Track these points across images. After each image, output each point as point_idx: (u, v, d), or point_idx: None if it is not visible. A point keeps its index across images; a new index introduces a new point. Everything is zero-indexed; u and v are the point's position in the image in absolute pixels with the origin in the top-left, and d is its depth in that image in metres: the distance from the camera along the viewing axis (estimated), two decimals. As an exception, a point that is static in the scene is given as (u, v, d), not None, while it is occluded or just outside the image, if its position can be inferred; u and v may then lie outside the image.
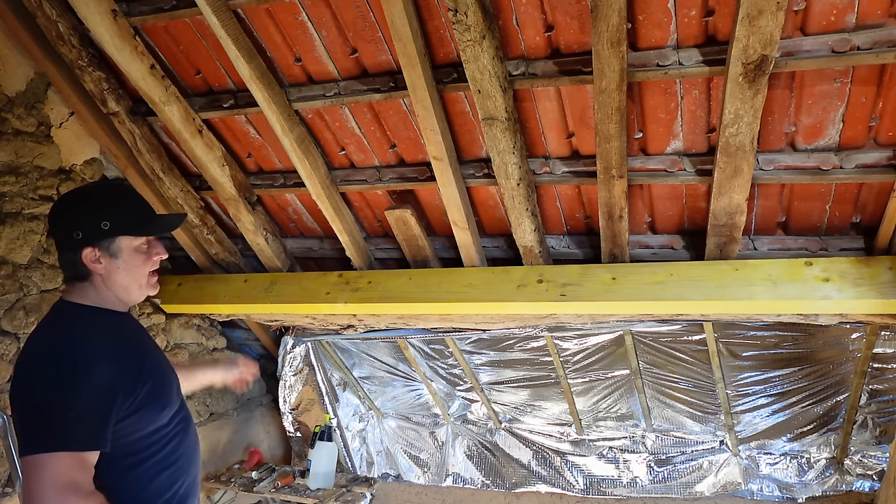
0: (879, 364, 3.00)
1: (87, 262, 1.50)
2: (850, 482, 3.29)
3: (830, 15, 1.87)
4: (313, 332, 3.78)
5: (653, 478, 3.62)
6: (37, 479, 1.27)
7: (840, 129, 2.12)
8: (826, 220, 2.40)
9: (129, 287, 1.56)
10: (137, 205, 1.62)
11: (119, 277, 1.54)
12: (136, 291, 1.58)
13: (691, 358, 3.23)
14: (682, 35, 2.02)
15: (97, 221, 1.51)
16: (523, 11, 2.08)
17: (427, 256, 2.93)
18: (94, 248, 1.51)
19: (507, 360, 3.63)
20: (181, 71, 2.68)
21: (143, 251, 1.57)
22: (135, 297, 1.59)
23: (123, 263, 1.53)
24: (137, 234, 1.55)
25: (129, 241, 1.54)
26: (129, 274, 1.54)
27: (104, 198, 1.59)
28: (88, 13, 2.31)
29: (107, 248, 1.52)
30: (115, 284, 1.54)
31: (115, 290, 1.55)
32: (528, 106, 2.34)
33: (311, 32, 2.35)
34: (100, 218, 1.51)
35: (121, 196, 1.62)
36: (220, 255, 3.33)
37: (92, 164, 3.04)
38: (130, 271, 1.55)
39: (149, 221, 1.60)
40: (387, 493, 4.10)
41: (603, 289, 2.56)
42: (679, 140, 2.31)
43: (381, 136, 2.65)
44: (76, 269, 1.52)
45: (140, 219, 1.58)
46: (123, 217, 1.54)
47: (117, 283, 1.54)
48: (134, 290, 1.58)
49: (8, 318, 2.69)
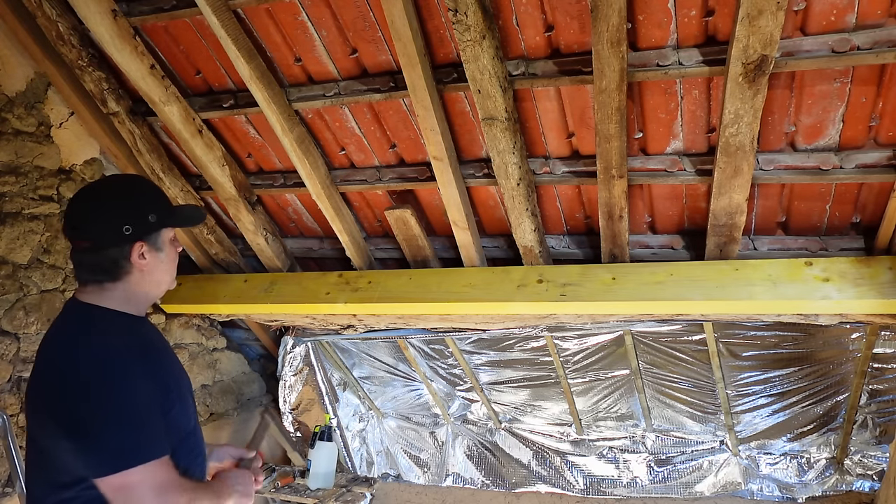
0: (879, 364, 3.00)
1: (135, 258, 1.43)
2: (850, 482, 3.29)
3: (830, 15, 1.86)
4: (313, 332, 3.78)
5: (653, 478, 3.62)
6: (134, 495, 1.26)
7: (840, 129, 2.12)
8: (826, 220, 2.40)
9: (162, 282, 1.51)
10: (165, 195, 1.57)
11: (158, 272, 1.49)
12: (166, 286, 1.54)
13: (691, 358, 3.23)
14: (682, 35, 2.02)
15: (145, 214, 1.45)
16: (523, 11, 2.08)
17: (427, 256, 2.93)
18: (143, 242, 1.45)
19: (507, 360, 3.63)
20: (181, 71, 2.68)
21: (174, 246, 1.54)
22: (163, 292, 1.55)
23: (166, 257, 1.49)
24: (178, 225, 1.54)
25: (169, 233, 1.51)
26: (168, 268, 1.51)
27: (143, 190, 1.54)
28: (88, 13, 2.31)
29: (154, 242, 1.47)
30: (152, 281, 1.48)
31: (149, 288, 1.49)
32: (528, 106, 2.34)
33: (311, 32, 2.35)
34: (146, 211, 1.46)
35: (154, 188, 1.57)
36: (220, 255, 3.33)
37: (92, 164, 3.04)
38: (169, 265, 1.52)
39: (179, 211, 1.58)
40: (387, 493, 4.10)
41: (603, 289, 2.56)
42: (679, 140, 2.31)
43: (381, 136, 2.65)
44: (115, 268, 1.43)
45: (174, 209, 1.55)
46: (164, 209, 1.50)
47: (155, 278, 1.49)
48: (165, 285, 1.53)
49: (8, 318, 2.69)
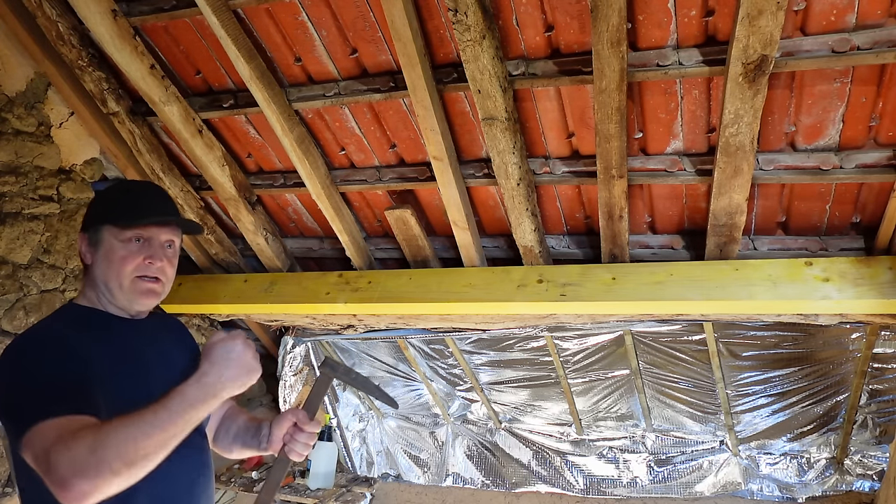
0: (879, 364, 3.00)
1: (80, 248, 1.47)
2: (850, 482, 3.29)
3: (830, 15, 1.87)
4: (313, 332, 3.78)
5: (653, 478, 3.62)
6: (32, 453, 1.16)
7: (840, 129, 2.12)
8: (826, 220, 2.40)
9: (108, 282, 1.43)
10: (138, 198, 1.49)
11: (98, 270, 1.44)
12: (117, 291, 1.43)
13: (691, 358, 3.23)
14: (682, 35, 2.02)
15: (94, 208, 1.50)
16: (523, 11, 2.08)
17: (427, 256, 2.93)
18: (84, 233, 1.47)
19: (507, 360, 3.63)
20: (181, 71, 2.68)
21: (129, 249, 1.43)
22: (118, 297, 1.44)
23: (102, 255, 1.44)
24: (119, 226, 1.43)
25: (113, 231, 1.43)
26: (108, 268, 1.43)
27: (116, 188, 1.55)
28: (88, 13, 2.31)
29: (91, 235, 1.46)
30: (98, 278, 1.45)
31: (100, 286, 1.45)
32: (528, 106, 2.34)
33: (311, 32, 2.35)
34: (97, 205, 1.49)
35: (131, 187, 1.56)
36: (220, 255, 3.33)
37: (92, 164, 3.05)
38: (110, 265, 1.42)
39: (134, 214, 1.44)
40: (387, 493, 4.10)
41: (603, 289, 2.56)
42: (679, 140, 2.31)
43: (381, 136, 2.65)
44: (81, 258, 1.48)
45: (130, 211, 1.45)
46: (114, 206, 1.46)
47: (98, 276, 1.44)
48: (115, 289, 1.43)
49: (8, 318, 2.69)
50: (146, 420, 1.18)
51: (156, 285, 1.47)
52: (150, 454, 1.17)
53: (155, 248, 1.46)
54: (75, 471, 1.11)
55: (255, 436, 1.67)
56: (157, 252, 1.45)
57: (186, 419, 1.21)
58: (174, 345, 1.61)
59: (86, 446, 1.12)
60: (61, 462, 1.12)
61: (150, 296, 1.47)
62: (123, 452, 1.13)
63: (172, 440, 1.20)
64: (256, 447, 1.67)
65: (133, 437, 1.15)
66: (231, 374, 1.28)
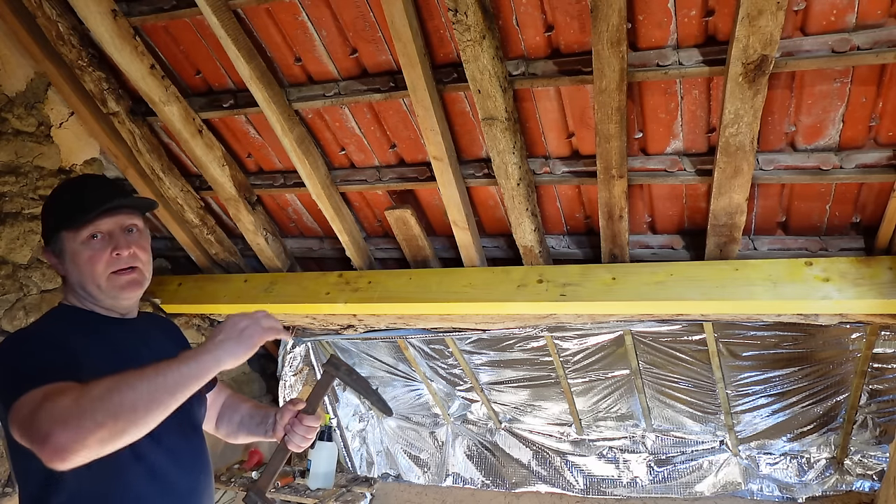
0: (879, 364, 3.00)
1: (51, 263, 1.44)
2: (850, 482, 3.29)
3: (830, 15, 1.86)
4: (313, 332, 3.78)
5: (653, 478, 3.62)
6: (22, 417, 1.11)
7: (840, 129, 2.12)
8: (826, 220, 2.40)
9: (86, 287, 1.40)
10: (81, 194, 1.42)
11: (72, 277, 1.41)
12: (98, 292, 1.40)
13: (691, 358, 3.23)
14: (682, 35, 2.02)
15: (46, 221, 1.43)
16: (523, 11, 2.08)
17: (427, 256, 2.93)
18: (46, 248, 1.44)
19: (507, 360, 3.63)
20: (181, 71, 2.68)
21: (92, 248, 1.38)
22: (101, 298, 1.41)
23: (70, 262, 1.40)
24: (72, 229, 1.38)
25: (71, 235, 1.38)
26: (80, 273, 1.39)
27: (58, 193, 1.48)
28: (88, 13, 2.31)
29: (54, 247, 1.42)
30: (75, 284, 1.41)
31: (78, 292, 1.42)
32: (528, 106, 2.34)
33: (311, 32, 2.35)
34: (47, 217, 1.43)
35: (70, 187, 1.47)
36: (220, 255, 3.33)
37: (92, 164, 3.05)
38: (80, 270, 1.39)
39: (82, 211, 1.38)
40: (387, 493, 4.10)
41: (603, 289, 2.56)
42: (679, 140, 2.31)
43: (381, 136, 2.65)
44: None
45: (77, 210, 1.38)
46: (61, 211, 1.40)
47: (74, 281, 1.41)
48: (94, 292, 1.40)
49: (8, 318, 2.69)
50: (133, 374, 1.14)
51: (133, 274, 1.43)
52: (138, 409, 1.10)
53: (117, 239, 1.40)
54: (55, 422, 1.05)
55: (262, 423, 1.70)
56: (120, 242, 1.40)
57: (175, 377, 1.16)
58: (167, 343, 1.60)
59: (70, 398, 1.08)
60: (43, 417, 1.06)
61: (132, 287, 1.43)
62: (108, 402, 1.08)
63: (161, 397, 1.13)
64: (262, 434, 1.71)
65: (118, 388, 1.10)
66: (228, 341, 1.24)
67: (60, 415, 1.06)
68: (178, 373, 1.16)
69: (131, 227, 1.45)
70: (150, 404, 1.12)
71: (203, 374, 1.19)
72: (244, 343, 1.25)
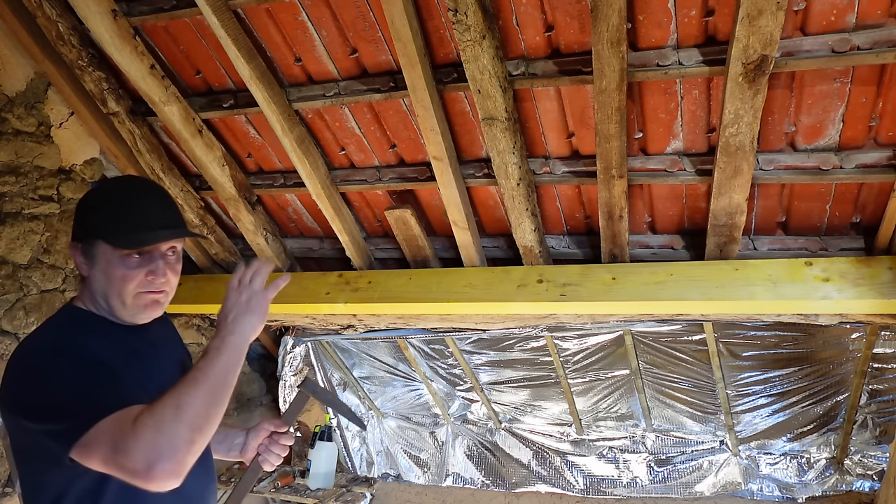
0: (879, 364, 3.00)
1: (75, 259, 1.39)
2: (850, 482, 3.29)
3: (830, 15, 1.86)
4: (313, 332, 3.78)
5: (653, 478, 3.62)
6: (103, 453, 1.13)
7: (840, 129, 2.12)
8: (826, 220, 2.40)
9: (109, 299, 1.36)
10: (138, 209, 1.37)
11: (96, 284, 1.36)
12: (119, 307, 1.36)
13: (691, 358, 3.23)
14: (682, 35, 2.02)
15: (87, 217, 1.38)
16: (523, 11, 2.08)
17: (427, 256, 2.93)
18: (75, 243, 1.39)
19: (507, 360, 3.63)
20: (181, 71, 2.68)
21: (128, 265, 1.34)
22: (119, 311, 1.37)
23: (99, 272, 1.35)
24: (115, 245, 1.33)
25: (108, 248, 1.34)
26: (107, 283, 1.35)
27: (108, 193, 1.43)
28: (88, 13, 2.31)
29: (86, 249, 1.37)
30: (96, 291, 1.37)
31: (98, 299, 1.38)
32: (528, 106, 2.34)
33: (311, 32, 2.35)
34: (91, 214, 1.37)
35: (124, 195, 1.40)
36: (220, 255, 3.33)
37: (92, 164, 3.05)
38: (109, 283, 1.35)
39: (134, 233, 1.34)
40: (387, 493, 4.10)
41: (603, 289, 2.56)
42: (679, 140, 2.31)
43: (381, 136, 2.65)
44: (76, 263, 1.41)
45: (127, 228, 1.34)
46: (108, 220, 1.35)
47: (96, 289, 1.37)
48: (116, 304, 1.36)
49: (8, 318, 2.69)
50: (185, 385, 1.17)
51: (159, 296, 1.40)
52: (210, 414, 1.17)
53: (156, 262, 1.36)
54: (153, 456, 1.09)
55: (223, 442, 1.67)
56: (158, 267, 1.37)
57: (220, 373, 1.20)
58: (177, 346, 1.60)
59: (151, 429, 1.11)
60: (135, 454, 1.10)
61: (154, 307, 1.41)
62: (185, 419, 1.13)
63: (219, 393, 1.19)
64: (224, 453, 1.67)
65: (183, 403, 1.14)
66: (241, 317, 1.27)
67: (154, 449, 1.10)
68: (220, 367, 1.21)
69: (172, 249, 1.41)
70: (213, 406, 1.18)
71: (240, 356, 1.25)
72: (257, 312, 1.29)
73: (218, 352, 1.22)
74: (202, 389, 1.17)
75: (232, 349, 1.24)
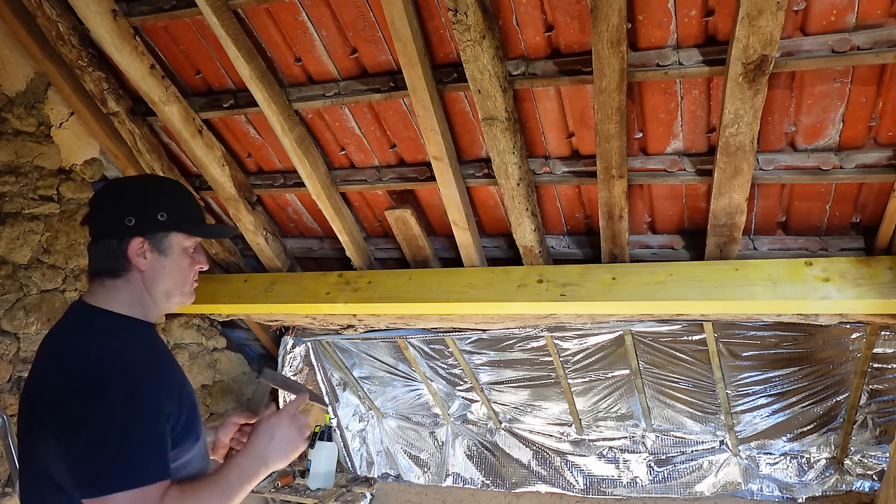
0: (879, 364, 3.00)
1: (132, 253, 1.33)
2: (850, 482, 3.29)
3: (830, 15, 1.87)
4: (313, 332, 3.78)
5: (653, 478, 3.62)
6: None
7: (840, 129, 2.12)
8: (826, 220, 2.40)
9: (170, 292, 1.40)
10: (195, 204, 1.47)
11: (162, 279, 1.38)
12: (178, 297, 1.43)
13: (691, 358, 3.23)
14: (682, 35, 2.02)
15: (155, 210, 1.36)
16: (523, 11, 2.08)
17: (427, 256, 2.93)
18: (144, 238, 1.34)
19: (507, 360, 3.63)
20: (181, 71, 2.68)
21: (190, 255, 1.42)
22: (174, 303, 1.43)
23: (171, 263, 1.38)
24: (193, 234, 1.41)
25: (182, 239, 1.39)
26: (173, 277, 1.39)
27: (164, 189, 1.45)
28: (88, 13, 2.31)
29: (158, 243, 1.36)
30: (157, 286, 1.38)
31: (155, 294, 1.38)
32: (528, 106, 2.34)
33: (311, 32, 2.35)
34: (158, 208, 1.36)
35: (180, 191, 1.47)
36: (220, 255, 3.33)
37: (92, 164, 3.05)
38: (175, 274, 1.39)
39: (204, 224, 1.48)
40: (387, 493, 4.10)
41: (603, 289, 2.56)
42: (679, 140, 2.31)
43: (381, 136, 2.65)
44: (113, 261, 1.33)
45: (197, 219, 1.45)
46: (182, 212, 1.41)
47: (159, 285, 1.38)
48: (175, 296, 1.42)
49: (8, 318, 2.69)
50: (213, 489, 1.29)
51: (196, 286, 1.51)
52: None
53: (202, 254, 1.47)
54: None
55: None
56: (202, 257, 1.47)
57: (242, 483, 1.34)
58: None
59: None
60: None
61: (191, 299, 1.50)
62: None
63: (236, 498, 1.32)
64: None
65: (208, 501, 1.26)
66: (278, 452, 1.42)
67: None
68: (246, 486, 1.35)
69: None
70: None
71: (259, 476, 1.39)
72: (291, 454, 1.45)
73: (250, 475, 1.35)
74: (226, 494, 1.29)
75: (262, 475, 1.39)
